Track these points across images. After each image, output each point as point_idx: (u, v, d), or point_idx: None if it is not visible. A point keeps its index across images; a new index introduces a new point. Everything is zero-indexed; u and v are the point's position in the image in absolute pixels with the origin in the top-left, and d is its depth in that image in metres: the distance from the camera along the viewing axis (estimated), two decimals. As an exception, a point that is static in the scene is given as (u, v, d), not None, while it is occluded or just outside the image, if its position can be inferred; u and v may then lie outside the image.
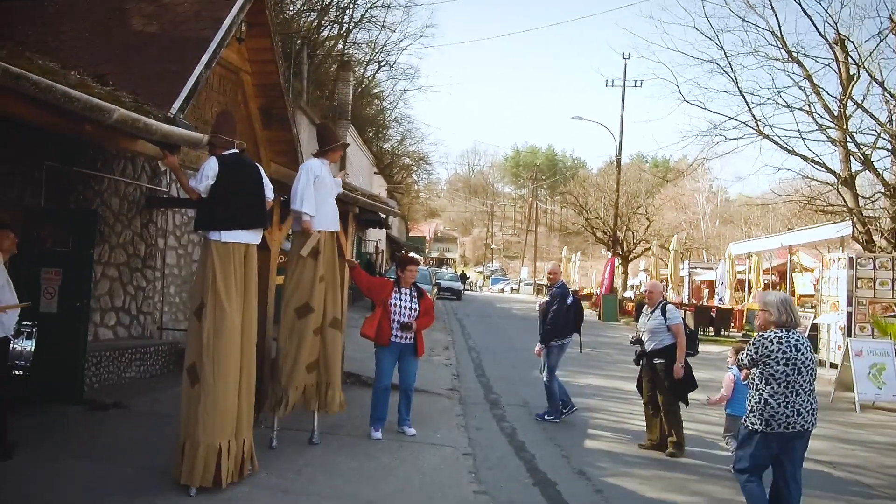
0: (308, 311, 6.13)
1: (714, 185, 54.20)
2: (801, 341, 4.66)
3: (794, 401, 4.57)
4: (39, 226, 7.21)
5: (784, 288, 21.97)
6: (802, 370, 4.59)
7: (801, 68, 15.60)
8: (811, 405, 4.62)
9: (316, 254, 6.16)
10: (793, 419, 4.55)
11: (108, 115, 4.14)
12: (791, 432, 4.56)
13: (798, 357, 4.59)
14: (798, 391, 4.58)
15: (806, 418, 4.58)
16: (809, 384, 4.64)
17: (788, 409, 4.55)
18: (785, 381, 4.58)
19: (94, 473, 5.13)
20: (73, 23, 6.49)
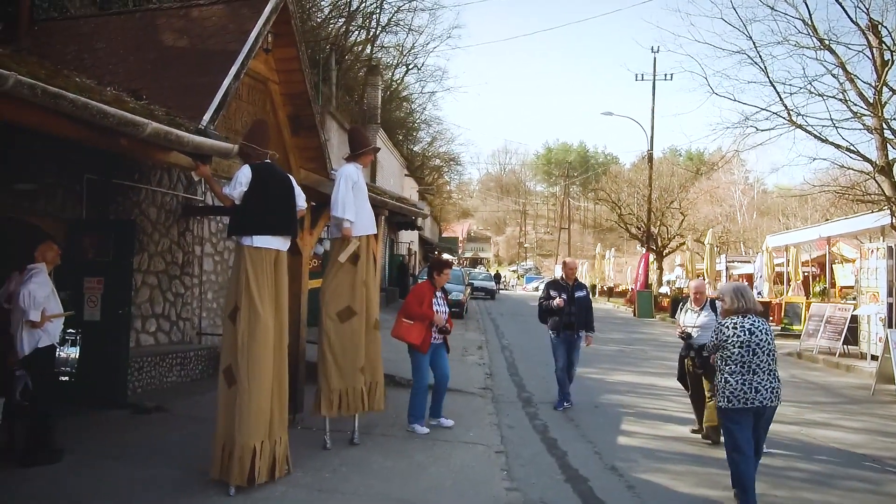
0: (351, 314, 6.27)
1: (750, 176, 53.37)
2: (755, 325, 5.10)
3: (751, 379, 5.02)
4: (81, 237, 7.48)
5: (824, 280, 21.56)
6: (757, 351, 5.03)
7: (834, 56, 15.27)
8: (770, 384, 5.04)
9: (356, 258, 6.30)
10: (751, 396, 4.99)
11: (141, 129, 4.31)
12: (751, 408, 4.99)
13: (752, 339, 5.05)
14: (755, 370, 5.03)
15: (764, 395, 5.00)
16: (767, 364, 5.06)
17: (746, 387, 5.01)
18: (741, 362, 5.05)
19: (138, 475, 5.32)
20: (107, 40, 6.71)
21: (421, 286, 7.51)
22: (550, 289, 8.97)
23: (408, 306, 7.29)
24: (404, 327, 7.19)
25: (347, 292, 6.28)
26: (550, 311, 8.72)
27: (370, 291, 6.45)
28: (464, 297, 22.82)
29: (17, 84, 3.43)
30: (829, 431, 8.18)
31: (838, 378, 13.00)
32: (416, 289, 7.52)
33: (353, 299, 6.27)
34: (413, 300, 7.31)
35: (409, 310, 7.26)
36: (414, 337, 7.14)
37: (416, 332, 7.15)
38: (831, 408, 9.84)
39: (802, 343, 16.14)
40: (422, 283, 7.58)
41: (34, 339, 5.61)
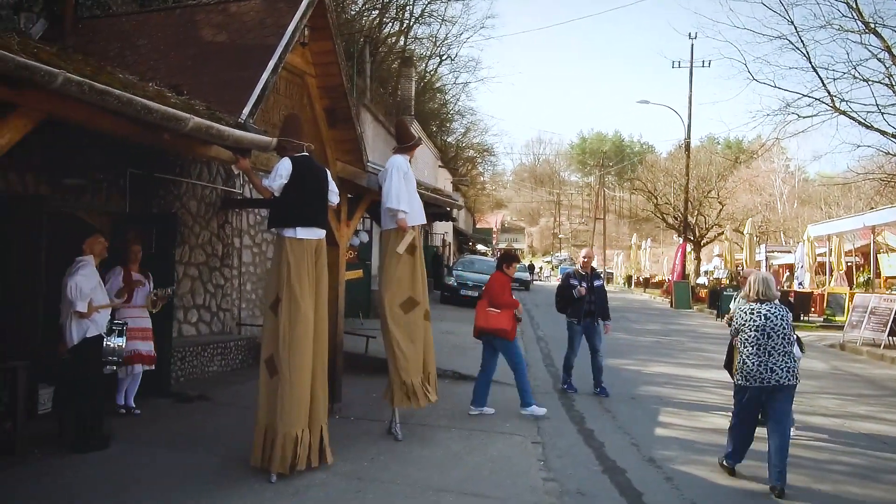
0: (413, 304, 6.36)
1: (791, 164, 52.18)
2: (771, 311, 5.56)
3: (766, 360, 5.47)
4: (125, 230, 7.66)
5: (868, 270, 21.02)
6: (772, 335, 5.49)
7: (880, 39, 14.87)
8: (785, 364, 5.46)
9: (413, 249, 6.37)
10: (766, 375, 5.46)
11: (183, 124, 4.39)
12: (768, 386, 5.46)
13: (766, 324, 5.52)
14: (770, 352, 5.47)
15: (780, 375, 5.44)
16: (783, 346, 5.48)
17: (762, 367, 5.47)
18: (757, 345, 5.51)
19: (182, 461, 5.46)
20: (149, 37, 6.84)
21: (500, 277, 7.84)
22: (571, 277, 9.31)
23: (495, 296, 7.61)
24: (493, 316, 7.55)
25: (408, 283, 6.36)
26: (572, 299, 9.05)
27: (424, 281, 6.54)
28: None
29: (66, 82, 3.52)
30: (873, 425, 8.01)
31: (883, 370, 12.70)
32: (498, 279, 7.81)
33: (415, 290, 6.36)
34: (500, 290, 7.65)
35: (497, 299, 7.58)
36: (505, 324, 7.52)
37: (505, 319, 7.54)
38: (875, 401, 9.63)
39: (846, 334, 15.79)
40: (499, 274, 7.89)
41: (82, 329, 5.79)
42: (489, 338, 7.68)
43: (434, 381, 6.61)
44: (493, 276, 7.97)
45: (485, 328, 7.59)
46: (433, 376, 6.60)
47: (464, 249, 43.81)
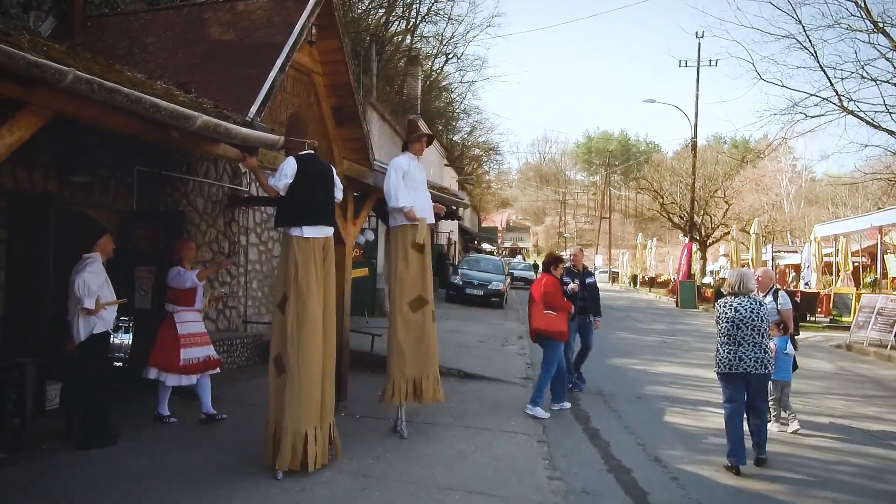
0: (423, 302, 6.37)
1: (798, 164, 52.00)
2: (742, 304, 5.98)
3: (736, 349, 5.91)
4: (133, 227, 7.70)
5: (875, 270, 20.96)
6: (742, 326, 5.89)
7: (888, 39, 14.81)
8: (756, 354, 5.86)
9: (421, 247, 6.38)
10: (735, 363, 5.89)
11: (192, 122, 4.41)
12: (736, 373, 5.90)
13: (736, 316, 5.94)
14: (740, 342, 5.90)
15: (748, 363, 5.85)
16: (752, 338, 5.88)
17: (732, 356, 5.92)
18: (728, 335, 5.96)
19: (188, 458, 5.49)
20: (157, 35, 6.85)
21: (551, 280, 7.97)
22: (564, 275, 9.28)
23: (551, 298, 7.75)
24: (552, 319, 7.71)
25: (419, 281, 6.38)
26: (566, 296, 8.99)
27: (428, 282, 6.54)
28: (504, 287, 22.79)
29: (76, 80, 3.54)
30: (880, 426, 7.99)
31: (890, 371, 12.66)
32: (550, 282, 7.91)
33: (424, 288, 6.36)
34: (556, 292, 7.83)
35: (553, 302, 7.74)
36: (562, 326, 7.79)
37: (560, 322, 7.77)
38: (882, 402, 9.60)
39: (852, 335, 15.74)
40: (549, 277, 7.99)
41: (90, 325, 5.81)
42: (545, 339, 7.83)
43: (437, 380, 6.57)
44: (545, 280, 8.04)
45: (545, 330, 7.76)
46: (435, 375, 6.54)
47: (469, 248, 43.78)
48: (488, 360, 10.99)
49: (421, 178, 6.56)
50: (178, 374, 6.54)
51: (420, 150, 6.66)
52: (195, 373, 6.63)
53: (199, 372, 6.67)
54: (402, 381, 6.32)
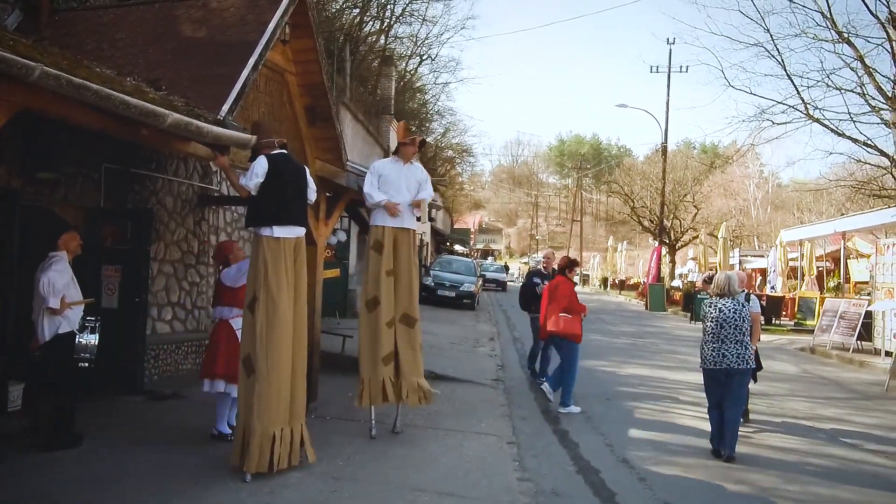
0: (376, 304, 6.34)
1: (765, 170, 52.89)
2: (725, 304, 6.40)
3: (718, 347, 6.32)
4: (100, 225, 7.57)
5: (838, 275, 21.43)
6: (725, 325, 6.31)
7: (853, 49, 15.17)
8: (736, 351, 6.27)
9: (380, 248, 6.36)
10: (717, 359, 6.31)
11: (162, 120, 4.36)
12: (718, 369, 6.32)
13: (720, 316, 6.36)
14: (722, 340, 6.31)
15: (730, 360, 6.27)
16: (734, 336, 6.29)
17: (714, 353, 6.34)
18: (711, 333, 6.40)
19: (156, 459, 5.41)
20: (127, 31, 6.76)
21: (568, 283, 8.34)
22: (534, 277, 10.07)
23: (569, 302, 8.09)
24: (567, 321, 8.05)
25: (373, 282, 6.38)
26: (536, 296, 9.63)
27: (400, 284, 6.45)
28: (476, 289, 22.85)
29: (43, 75, 3.48)
30: (841, 427, 8.17)
31: (851, 374, 12.96)
32: (566, 286, 8.27)
33: (378, 289, 6.34)
34: (572, 296, 8.16)
35: (571, 306, 8.09)
36: (577, 328, 8.12)
37: (577, 324, 8.13)
38: (844, 403, 9.82)
39: (816, 338, 16.08)
40: (565, 280, 8.39)
41: (54, 325, 5.70)
42: (558, 340, 8.19)
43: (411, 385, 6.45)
44: (561, 283, 8.33)
45: (560, 333, 8.08)
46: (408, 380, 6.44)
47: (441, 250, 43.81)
48: (460, 361, 11.02)
49: (398, 182, 6.46)
50: None
51: (408, 156, 6.58)
52: None
53: None
54: (360, 382, 6.37)
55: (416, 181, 6.55)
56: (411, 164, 6.60)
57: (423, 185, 6.59)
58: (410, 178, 6.52)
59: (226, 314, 6.26)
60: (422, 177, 6.64)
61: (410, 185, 6.50)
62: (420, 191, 6.54)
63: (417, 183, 6.56)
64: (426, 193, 6.58)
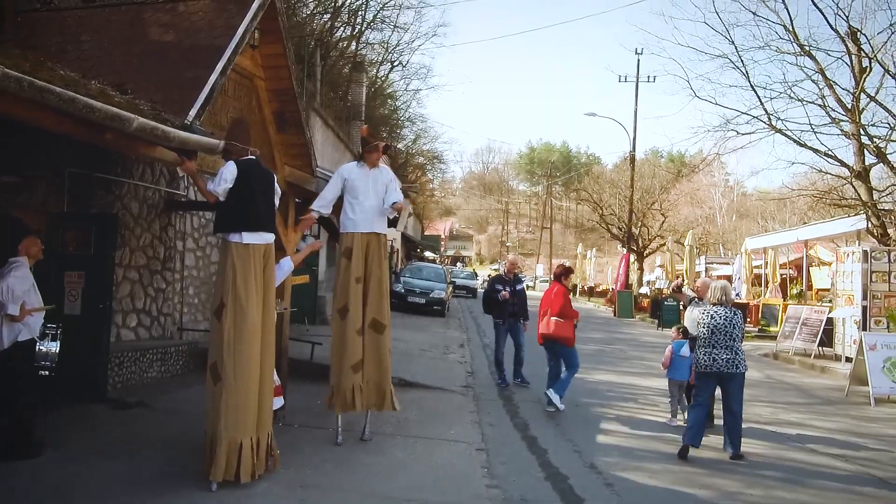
0: (346, 312, 6.31)
1: (730, 179, 53.88)
2: (718, 313, 6.85)
3: (711, 352, 6.73)
4: (63, 230, 7.43)
5: (800, 282, 21.89)
6: (716, 332, 6.73)
7: (814, 62, 15.54)
8: (728, 356, 6.67)
9: (349, 254, 6.32)
10: (710, 364, 6.72)
11: (127, 124, 4.31)
12: (711, 372, 6.74)
13: (712, 323, 6.79)
14: (714, 345, 6.73)
15: (721, 364, 6.67)
16: (725, 342, 6.70)
17: (707, 357, 6.75)
18: (705, 339, 6.81)
19: (119, 469, 5.30)
20: (92, 33, 6.67)
21: (563, 290, 8.66)
22: (496, 283, 10.39)
23: (563, 308, 8.46)
24: (559, 325, 8.42)
25: (342, 289, 6.37)
26: (497, 302, 10.02)
27: (370, 290, 6.41)
28: (446, 296, 22.86)
29: (4, 77, 3.42)
30: (803, 431, 8.34)
31: (813, 379, 13.23)
32: (561, 292, 8.61)
33: (347, 297, 6.30)
34: (566, 302, 8.54)
35: (564, 311, 8.46)
36: (569, 332, 8.47)
37: (570, 328, 8.50)
38: (805, 408, 10.02)
39: (779, 344, 16.39)
40: (561, 287, 8.70)
41: (14, 332, 5.57)
42: (552, 343, 8.58)
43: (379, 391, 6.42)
44: (557, 290, 8.66)
45: (551, 335, 8.47)
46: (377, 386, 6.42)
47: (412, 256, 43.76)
48: (430, 368, 11.01)
49: (364, 187, 6.40)
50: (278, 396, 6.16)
51: (372, 161, 6.49)
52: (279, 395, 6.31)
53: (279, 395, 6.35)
54: (335, 388, 6.35)
55: (383, 184, 6.47)
56: (378, 167, 6.55)
57: (389, 187, 6.49)
58: (377, 182, 6.46)
59: None
60: (388, 178, 6.55)
61: (378, 189, 6.44)
62: (388, 193, 6.48)
63: (384, 186, 6.47)
64: (397, 196, 6.50)
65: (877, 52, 14.55)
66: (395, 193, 6.46)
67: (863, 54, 14.78)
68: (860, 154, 15.28)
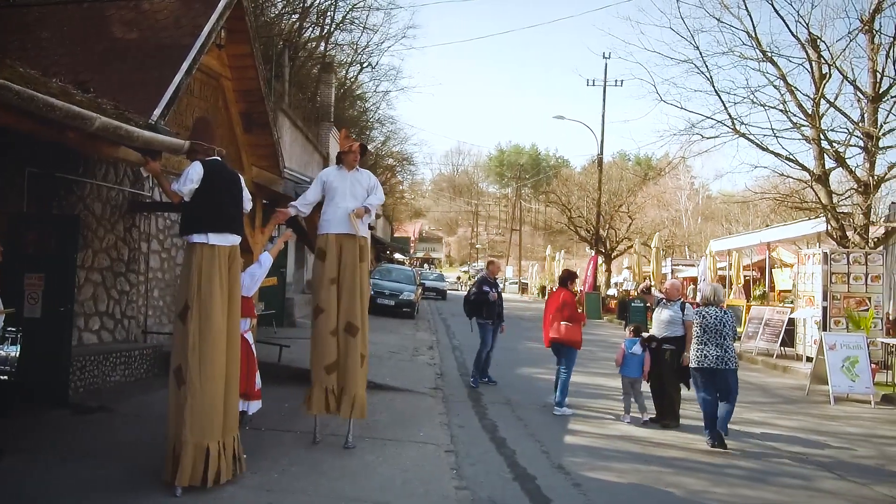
0: (319, 312, 6.29)
1: (695, 182, 54.77)
2: (710, 313, 7.42)
3: (703, 349, 7.33)
4: (22, 231, 7.25)
5: (764, 284, 22.33)
6: (707, 330, 7.33)
7: (776, 68, 15.85)
8: (718, 353, 7.23)
9: (323, 256, 6.29)
10: (702, 360, 7.31)
11: (89, 123, 4.23)
12: (704, 368, 7.31)
13: (704, 322, 7.38)
14: (706, 343, 7.31)
15: (711, 360, 7.25)
16: (716, 340, 7.27)
17: (699, 354, 7.35)
18: (698, 337, 7.41)
19: (81, 475, 5.19)
20: (53, 30, 6.53)
21: (570, 294, 8.90)
22: (484, 285, 10.66)
23: (572, 312, 8.70)
24: (568, 329, 8.66)
25: (316, 290, 6.38)
26: (488, 303, 10.41)
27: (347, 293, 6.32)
28: (415, 297, 22.84)
29: (-40, 74, 3.33)
30: (765, 430, 8.50)
31: (775, 379, 13.49)
32: (569, 297, 8.83)
33: (320, 297, 6.27)
34: (574, 305, 8.80)
35: (573, 315, 8.70)
36: (578, 335, 8.74)
37: (578, 332, 8.75)
38: (768, 407, 10.22)
39: (742, 345, 16.67)
40: (567, 292, 8.91)
41: (-29, 336, 5.43)
42: (558, 346, 8.79)
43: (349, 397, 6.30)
44: (563, 294, 8.88)
45: (561, 339, 8.69)
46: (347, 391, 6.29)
47: (381, 258, 43.64)
48: (399, 370, 10.98)
49: (343, 189, 6.37)
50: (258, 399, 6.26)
51: (350, 164, 6.47)
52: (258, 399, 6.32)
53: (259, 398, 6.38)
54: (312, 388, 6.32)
55: (363, 188, 6.45)
56: (357, 170, 6.52)
57: (371, 190, 6.49)
58: (356, 184, 6.43)
59: (242, 327, 6.02)
60: (370, 183, 6.53)
61: (356, 191, 6.40)
62: (369, 197, 6.46)
63: (365, 189, 6.45)
64: (375, 199, 6.49)
65: (836, 59, 14.92)
66: (373, 197, 6.47)
67: (822, 61, 15.13)
68: (820, 158, 15.63)
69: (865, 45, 14.97)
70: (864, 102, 14.93)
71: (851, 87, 15.11)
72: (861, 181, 14.80)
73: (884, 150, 15.07)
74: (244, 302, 6.08)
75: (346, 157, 6.49)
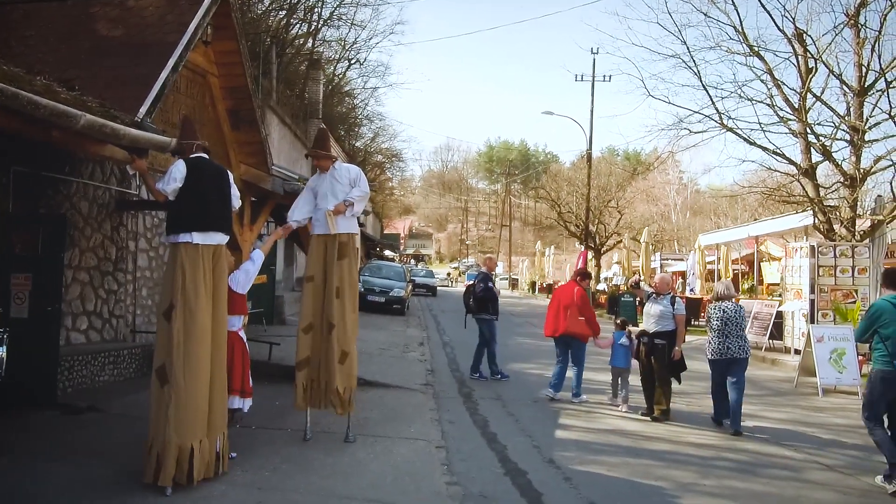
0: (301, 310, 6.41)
1: (684, 177, 54.98)
2: (728, 307, 8.01)
3: (723, 340, 7.88)
4: (8, 231, 7.19)
5: (752, 277, 22.48)
6: (728, 323, 7.89)
7: (762, 62, 15.93)
8: (737, 344, 7.86)
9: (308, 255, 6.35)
10: (723, 350, 7.87)
11: (75, 121, 4.20)
12: (725, 359, 7.87)
13: (723, 315, 7.93)
14: (727, 335, 7.87)
15: (733, 350, 7.84)
16: (736, 332, 7.88)
17: (720, 346, 7.89)
18: (717, 330, 7.93)
19: (71, 476, 5.16)
20: (38, 27, 6.47)
21: (582, 291, 9.32)
22: (487, 281, 10.90)
23: (586, 308, 9.23)
24: (581, 323, 9.17)
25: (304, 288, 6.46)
26: (495, 299, 10.79)
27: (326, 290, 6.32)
28: (405, 294, 22.83)
29: (-57, 72, 3.30)
30: (754, 422, 8.55)
31: (764, 371, 13.59)
32: (582, 293, 9.28)
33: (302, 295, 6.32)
34: (587, 301, 9.32)
35: (586, 311, 9.21)
36: (586, 329, 9.21)
37: (586, 326, 9.22)
38: (757, 400, 10.29)
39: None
40: (580, 289, 9.33)
41: (-43, 337, 5.39)
42: (568, 339, 9.25)
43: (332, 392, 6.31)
44: (577, 291, 9.28)
45: (576, 333, 9.20)
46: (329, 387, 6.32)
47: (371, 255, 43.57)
48: (389, 367, 10.98)
49: (324, 191, 6.40)
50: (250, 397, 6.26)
51: (322, 167, 6.49)
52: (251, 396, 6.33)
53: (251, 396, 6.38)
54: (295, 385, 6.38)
55: (344, 183, 6.42)
56: (334, 168, 6.50)
57: (354, 183, 6.47)
58: (335, 183, 6.42)
59: (235, 324, 6.06)
60: (352, 175, 6.51)
61: (336, 190, 6.40)
62: (353, 189, 6.45)
63: (347, 184, 6.43)
64: (358, 190, 6.47)
65: (822, 54, 15.00)
66: (356, 189, 6.45)
67: (809, 55, 15.21)
68: (807, 152, 15.72)
69: (851, 39, 15.06)
70: (850, 96, 15.03)
71: (837, 81, 15.21)
72: (847, 175, 14.89)
73: (870, 143, 15.18)
74: (238, 299, 6.09)
75: (318, 161, 6.58)
